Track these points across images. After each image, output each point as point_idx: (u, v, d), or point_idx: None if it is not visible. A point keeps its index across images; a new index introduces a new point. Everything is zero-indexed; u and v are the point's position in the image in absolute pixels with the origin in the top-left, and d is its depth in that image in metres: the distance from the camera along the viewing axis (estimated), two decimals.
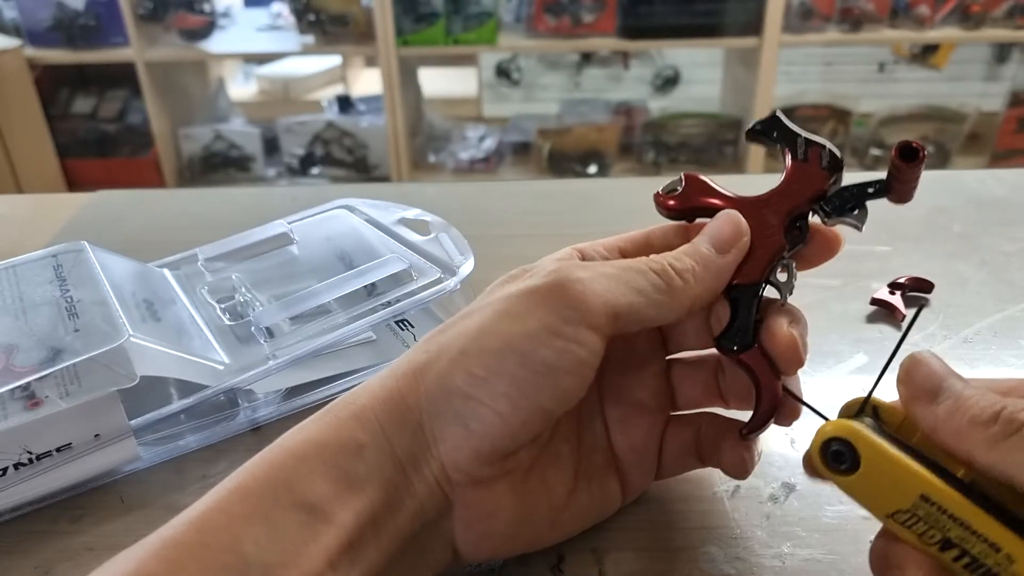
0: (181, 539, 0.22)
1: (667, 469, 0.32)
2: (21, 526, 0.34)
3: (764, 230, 0.30)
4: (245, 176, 2.11)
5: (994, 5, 1.79)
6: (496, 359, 0.25)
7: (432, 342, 0.27)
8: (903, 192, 0.29)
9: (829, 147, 0.30)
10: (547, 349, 0.25)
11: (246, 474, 0.24)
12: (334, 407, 0.26)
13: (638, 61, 2.36)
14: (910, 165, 0.28)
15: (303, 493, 0.24)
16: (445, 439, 0.25)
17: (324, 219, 0.50)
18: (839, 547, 0.31)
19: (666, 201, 0.31)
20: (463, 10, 1.83)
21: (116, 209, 0.62)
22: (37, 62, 1.92)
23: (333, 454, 0.24)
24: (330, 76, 2.51)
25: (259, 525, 0.23)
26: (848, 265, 0.51)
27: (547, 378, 0.25)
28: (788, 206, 0.30)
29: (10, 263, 0.41)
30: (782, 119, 0.31)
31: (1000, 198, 0.60)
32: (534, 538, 0.29)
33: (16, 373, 0.33)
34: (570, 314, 0.25)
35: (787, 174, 0.30)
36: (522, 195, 0.64)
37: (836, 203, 0.30)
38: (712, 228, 0.29)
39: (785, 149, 0.30)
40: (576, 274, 0.26)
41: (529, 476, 0.28)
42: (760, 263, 0.29)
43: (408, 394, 0.26)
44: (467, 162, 2.05)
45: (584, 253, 0.30)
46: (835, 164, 0.30)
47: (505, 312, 0.26)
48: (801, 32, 1.82)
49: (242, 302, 0.43)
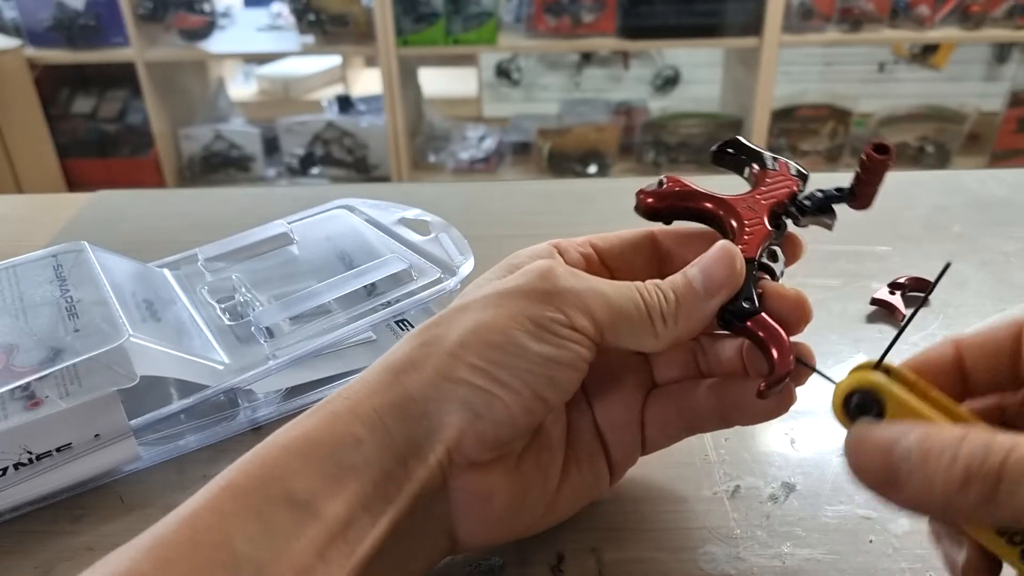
0: (173, 537, 0.23)
1: (653, 443, 0.32)
2: (21, 526, 0.34)
3: (751, 218, 0.31)
4: (245, 176, 2.11)
5: (994, 5, 1.79)
6: (498, 352, 0.26)
7: (427, 334, 0.27)
8: (865, 197, 0.31)
9: (794, 162, 0.32)
10: (546, 344, 0.26)
11: (237, 471, 0.24)
12: (329, 403, 0.26)
13: (638, 61, 2.36)
14: (882, 159, 0.29)
15: (294, 488, 0.24)
16: (453, 425, 0.26)
17: (324, 219, 0.50)
18: (839, 547, 0.31)
19: (644, 199, 0.32)
20: (463, 10, 1.83)
21: (116, 209, 0.62)
22: (37, 62, 1.92)
23: (329, 448, 0.25)
24: (330, 76, 2.51)
25: (250, 522, 0.23)
26: (848, 265, 0.51)
27: (546, 370, 0.26)
28: (769, 202, 0.31)
29: (10, 263, 0.41)
30: (744, 141, 0.33)
31: (1000, 198, 0.60)
32: (530, 523, 0.30)
33: (16, 373, 0.33)
34: (562, 317, 0.27)
35: (759, 181, 0.32)
36: (522, 195, 0.64)
37: (808, 205, 0.32)
38: (708, 265, 0.29)
39: (752, 164, 0.33)
40: (569, 282, 0.27)
41: (523, 460, 0.28)
42: (754, 241, 0.30)
43: (409, 385, 0.26)
44: (467, 162, 2.05)
45: (561, 248, 0.31)
46: (802, 175, 0.32)
47: (502, 307, 0.27)
48: (801, 32, 1.82)
49: (242, 302, 0.43)
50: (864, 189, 0.30)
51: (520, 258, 0.30)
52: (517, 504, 0.28)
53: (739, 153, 0.33)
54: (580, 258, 0.31)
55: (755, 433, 0.37)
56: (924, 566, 0.30)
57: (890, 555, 0.31)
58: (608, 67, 2.37)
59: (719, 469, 0.35)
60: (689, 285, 0.29)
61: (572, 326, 0.27)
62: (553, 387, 0.27)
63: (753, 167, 0.33)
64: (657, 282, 0.29)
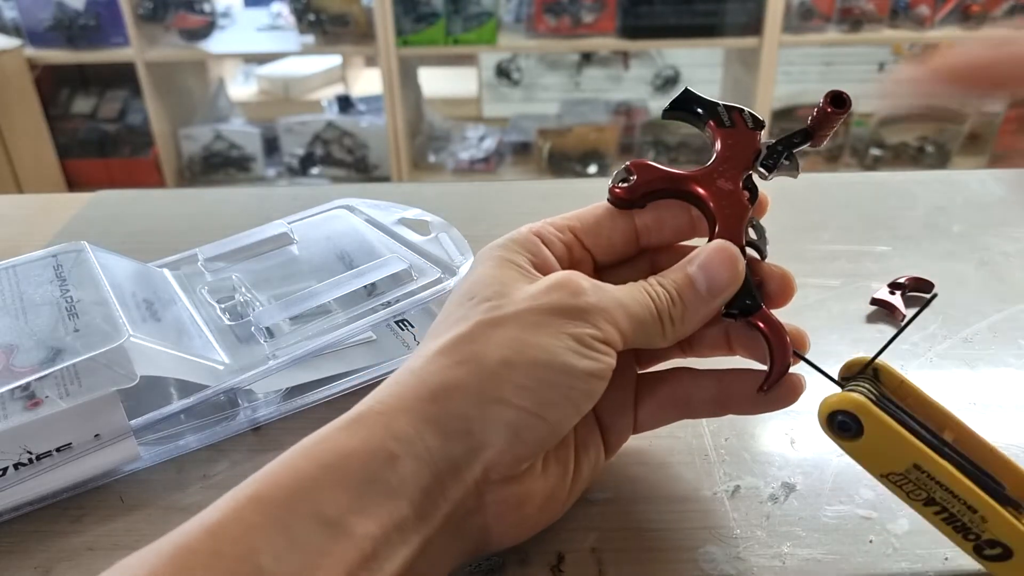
0: (195, 546, 0.22)
1: (643, 424, 0.33)
2: (21, 526, 0.34)
3: (727, 198, 0.31)
4: (245, 176, 2.11)
5: (994, 5, 1.79)
6: (544, 370, 0.26)
7: (464, 351, 0.27)
8: (820, 139, 0.31)
9: (747, 109, 0.32)
10: (588, 360, 0.27)
11: (264, 481, 0.24)
12: (361, 416, 0.26)
13: (638, 61, 2.35)
14: (838, 112, 0.30)
15: (324, 504, 0.23)
16: (493, 446, 0.26)
17: (324, 219, 0.50)
18: (839, 547, 0.31)
19: (620, 195, 0.31)
20: (463, 10, 1.83)
21: (116, 209, 0.62)
22: (37, 62, 1.92)
23: (361, 465, 0.24)
24: (330, 76, 2.51)
25: (276, 536, 0.22)
26: (848, 265, 0.51)
27: (589, 385, 0.27)
28: (738, 169, 0.31)
29: (10, 263, 0.41)
30: (695, 92, 0.32)
31: (1000, 198, 0.60)
32: (554, 515, 0.30)
33: (16, 373, 0.33)
34: (598, 333, 0.27)
35: (722, 143, 0.31)
36: (522, 195, 0.64)
37: (772, 158, 0.31)
38: (709, 265, 0.29)
39: (709, 121, 0.32)
40: (596, 295, 0.28)
41: (547, 461, 0.28)
42: (737, 231, 0.30)
43: (450, 405, 0.26)
44: (467, 162, 2.05)
45: (544, 238, 0.31)
46: (758, 123, 0.32)
47: (543, 326, 0.27)
48: (801, 32, 1.82)
49: (242, 302, 0.43)
50: (820, 132, 0.31)
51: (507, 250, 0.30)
52: (546, 503, 0.29)
53: (692, 107, 0.32)
54: (564, 248, 0.31)
55: (755, 433, 0.37)
56: (924, 566, 0.30)
57: (890, 555, 0.31)
58: (608, 67, 2.37)
59: (719, 469, 0.35)
60: (693, 287, 0.29)
61: (606, 340, 0.27)
62: (590, 399, 0.27)
63: (710, 124, 0.32)
64: (662, 282, 0.29)
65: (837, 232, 0.55)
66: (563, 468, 0.29)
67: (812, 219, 0.56)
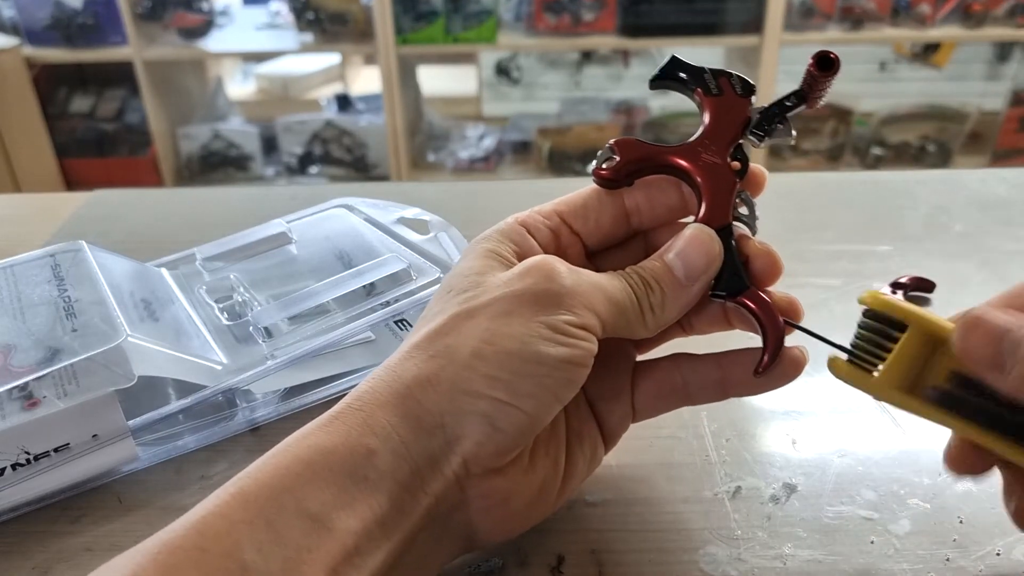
0: (180, 544, 0.22)
1: (642, 412, 0.32)
2: (19, 526, 0.34)
3: (714, 171, 0.30)
4: (244, 175, 2.11)
5: (995, 4, 1.79)
6: (516, 361, 0.26)
7: (437, 345, 0.27)
8: (814, 100, 0.30)
9: (736, 73, 0.31)
10: (562, 347, 0.26)
11: (248, 479, 0.24)
12: (340, 413, 0.26)
13: (638, 60, 2.35)
14: (825, 75, 0.29)
15: (307, 500, 0.23)
16: (469, 437, 0.25)
17: (323, 218, 0.50)
18: (840, 548, 0.31)
19: (605, 176, 0.30)
20: (463, 8, 1.83)
21: (114, 208, 0.62)
22: (35, 61, 1.92)
23: (341, 460, 0.24)
24: (329, 75, 2.50)
25: (260, 532, 0.22)
26: (849, 265, 0.50)
27: (564, 373, 0.26)
28: (725, 140, 0.30)
29: (8, 263, 0.41)
30: (682, 59, 0.31)
31: (1001, 198, 0.59)
32: (545, 510, 0.30)
33: (14, 373, 0.33)
34: (574, 318, 0.26)
35: (710, 113, 0.31)
36: (522, 194, 0.64)
37: (764, 124, 0.30)
38: (685, 252, 0.29)
39: (696, 88, 0.31)
40: (573, 279, 0.27)
41: (534, 454, 0.28)
42: (724, 206, 0.30)
43: (424, 398, 0.26)
44: (467, 161, 2.05)
45: (529, 226, 0.30)
46: (748, 88, 0.30)
47: (515, 314, 0.26)
48: (802, 31, 1.82)
49: (240, 302, 0.43)
50: (812, 95, 0.30)
51: (492, 241, 0.29)
52: (535, 497, 0.28)
53: (676, 76, 0.31)
54: (550, 235, 0.31)
55: (756, 433, 0.37)
56: (925, 567, 0.30)
57: (891, 556, 0.31)
58: (608, 66, 2.37)
59: (720, 470, 0.35)
60: (670, 273, 0.29)
61: (583, 325, 0.26)
62: (569, 387, 0.27)
63: (698, 91, 0.31)
64: (639, 271, 0.29)
65: (839, 232, 0.55)
66: (553, 462, 0.29)
67: (814, 219, 0.56)
